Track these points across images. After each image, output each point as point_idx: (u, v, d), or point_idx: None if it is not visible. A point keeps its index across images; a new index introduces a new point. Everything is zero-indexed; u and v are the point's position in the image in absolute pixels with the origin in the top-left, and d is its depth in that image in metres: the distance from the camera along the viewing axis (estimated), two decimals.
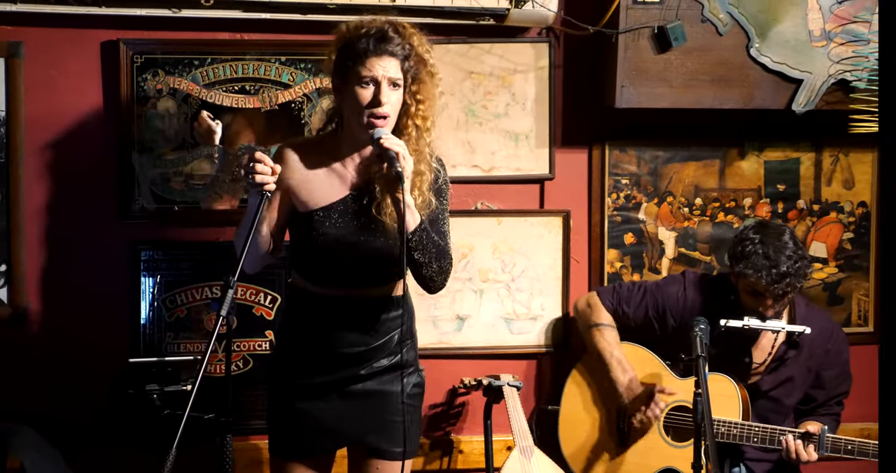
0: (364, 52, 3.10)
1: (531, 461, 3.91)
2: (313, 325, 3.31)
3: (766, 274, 3.73)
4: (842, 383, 4.04)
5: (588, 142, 4.26)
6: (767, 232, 3.81)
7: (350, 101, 3.14)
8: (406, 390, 3.34)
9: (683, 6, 3.98)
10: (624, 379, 3.98)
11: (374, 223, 3.21)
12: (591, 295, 4.13)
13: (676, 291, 4.03)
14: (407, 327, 3.37)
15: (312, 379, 3.32)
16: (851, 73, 4.05)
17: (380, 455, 3.35)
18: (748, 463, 4.00)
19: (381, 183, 3.15)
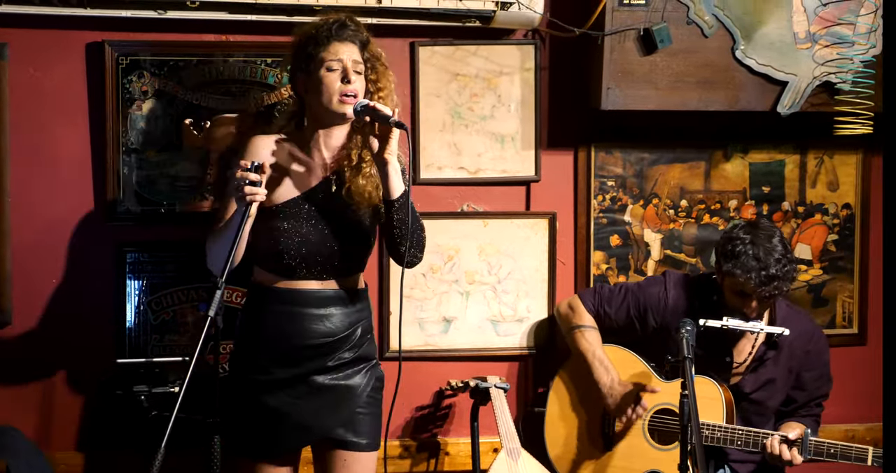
0: (327, 38, 3.31)
1: (518, 463, 3.91)
2: (278, 319, 3.37)
3: (755, 276, 3.73)
4: (822, 385, 4.05)
5: (574, 144, 4.27)
6: (758, 233, 3.81)
7: (318, 88, 3.30)
8: (371, 383, 3.45)
9: (669, 8, 4.00)
10: (606, 380, 3.98)
11: (343, 212, 3.34)
12: (573, 297, 4.13)
13: (658, 292, 4.04)
14: (368, 321, 3.49)
15: (278, 373, 3.37)
16: (836, 75, 4.07)
17: (346, 446, 3.43)
18: (732, 465, 4.01)
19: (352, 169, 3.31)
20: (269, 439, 3.40)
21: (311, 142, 3.38)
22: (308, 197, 3.35)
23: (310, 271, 3.36)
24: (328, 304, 3.38)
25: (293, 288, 3.37)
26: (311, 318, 3.36)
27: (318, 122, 3.36)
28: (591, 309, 4.07)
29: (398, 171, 3.28)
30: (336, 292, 3.40)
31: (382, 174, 3.28)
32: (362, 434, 3.43)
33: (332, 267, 3.37)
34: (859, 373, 4.46)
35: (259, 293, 3.43)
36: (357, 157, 3.34)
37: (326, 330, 3.37)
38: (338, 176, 3.36)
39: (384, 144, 3.26)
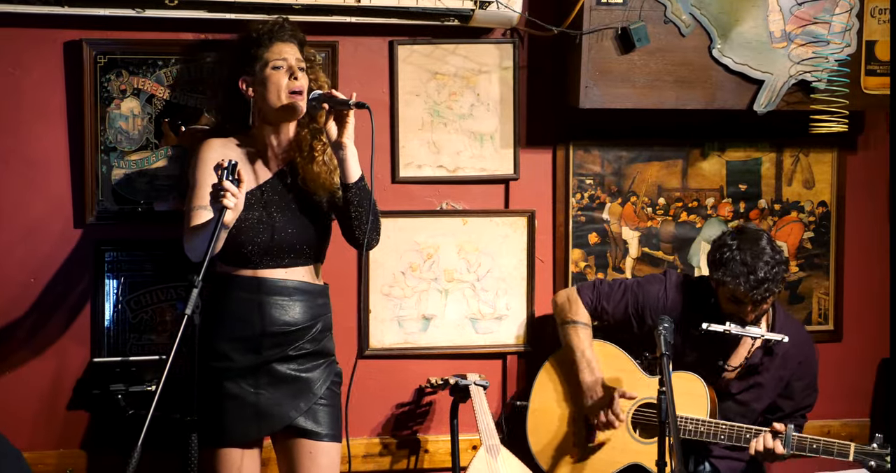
0: (269, 39, 3.48)
1: (497, 460, 3.93)
2: (240, 306, 3.46)
3: (745, 280, 3.76)
4: (808, 396, 4.08)
5: (552, 142, 4.28)
6: (744, 237, 3.84)
7: (265, 87, 3.46)
8: (330, 378, 3.54)
9: (646, 7, 4.01)
10: (589, 381, 4.00)
11: (299, 203, 3.49)
12: (572, 290, 4.14)
13: (657, 291, 4.05)
14: (328, 318, 3.60)
15: (239, 360, 3.45)
16: (812, 74, 4.09)
17: (308, 435, 3.51)
18: (714, 461, 4.04)
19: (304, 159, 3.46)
20: (231, 427, 3.47)
21: (262, 139, 3.53)
22: (264, 189, 3.49)
23: (272, 260, 3.47)
24: (291, 294, 3.49)
25: (256, 275, 3.48)
26: (273, 306, 3.47)
27: (268, 120, 3.51)
28: (589, 305, 4.08)
29: (355, 156, 3.44)
30: (299, 283, 3.51)
31: (340, 159, 3.43)
32: (323, 424, 3.51)
33: (293, 257, 3.49)
34: (835, 370, 4.49)
35: (222, 281, 3.51)
36: (308, 147, 3.48)
37: (289, 318, 3.48)
38: (291, 167, 3.51)
39: (342, 129, 3.41)
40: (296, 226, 3.49)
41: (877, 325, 4.55)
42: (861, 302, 4.53)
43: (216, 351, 3.46)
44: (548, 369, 4.16)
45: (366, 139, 3.46)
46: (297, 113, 3.47)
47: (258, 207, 3.46)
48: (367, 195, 3.46)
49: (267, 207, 3.47)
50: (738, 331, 3.83)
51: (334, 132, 3.42)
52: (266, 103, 3.47)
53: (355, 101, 3.38)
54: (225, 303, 3.48)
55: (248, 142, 3.55)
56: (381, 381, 4.18)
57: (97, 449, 3.96)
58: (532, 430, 4.15)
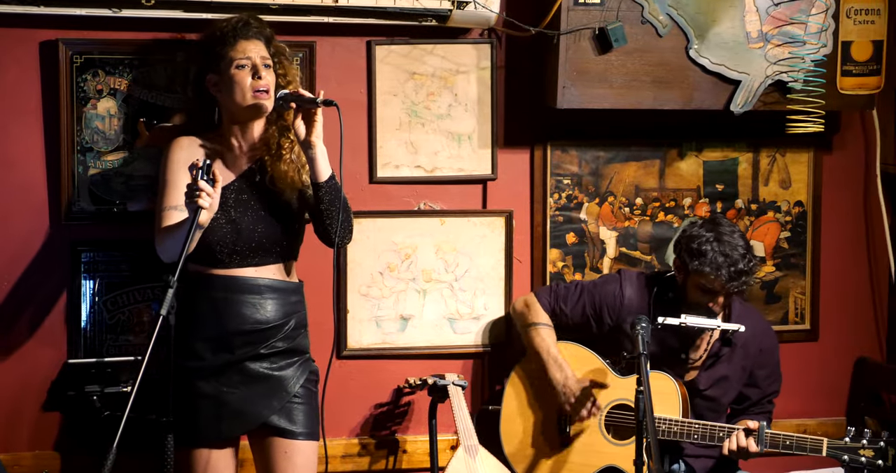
0: (233, 37, 3.45)
1: (476, 459, 3.93)
2: (212, 305, 3.45)
3: (725, 272, 3.77)
4: (773, 382, 4.10)
5: (530, 142, 4.29)
6: (720, 229, 3.85)
7: (230, 86, 3.44)
8: (304, 376, 3.53)
9: (624, 8, 4.02)
10: (560, 378, 4.00)
11: (268, 200, 3.48)
12: (529, 295, 4.16)
13: (613, 290, 4.07)
14: (303, 315, 3.58)
15: (211, 359, 3.45)
16: (788, 74, 4.11)
17: (284, 434, 3.50)
18: (687, 460, 4.05)
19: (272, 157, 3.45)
20: (206, 427, 3.47)
21: (230, 138, 3.52)
22: (232, 188, 3.47)
23: (242, 259, 3.47)
24: (263, 292, 3.48)
25: (228, 274, 3.47)
26: (244, 305, 3.46)
27: (234, 119, 3.49)
28: (547, 307, 4.10)
29: (325, 154, 3.42)
30: (271, 281, 3.50)
31: (310, 158, 3.41)
32: (298, 423, 3.50)
33: (263, 255, 3.48)
34: (811, 369, 4.52)
35: (194, 281, 3.50)
36: (276, 145, 3.47)
37: (261, 317, 3.47)
38: (260, 165, 3.49)
39: (310, 128, 3.39)
40: (265, 225, 3.47)
41: (852, 324, 4.58)
42: (837, 301, 4.55)
43: (189, 350, 3.45)
44: (518, 373, 4.16)
45: (338, 136, 3.45)
46: (262, 112, 3.46)
47: (226, 206, 3.44)
48: (338, 193, 3.45)
49: (235, 206, 3.46)
50: (693, 323, 3.85)
51: (302, 131, 3.40)
52: (231, 102, 3.45)
53: (322, 99, 3.36)
54: (197, 303, 3.48)
55: (216, 140, 3.54)
56: (359, 381, 4.18)
57: (72, 451, 3.94)
58: (505, 434, 4.14)
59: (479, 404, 4.29)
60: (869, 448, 3.75)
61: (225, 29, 3.48)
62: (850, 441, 3.78)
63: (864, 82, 4.21)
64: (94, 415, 3.78)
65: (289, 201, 3.51)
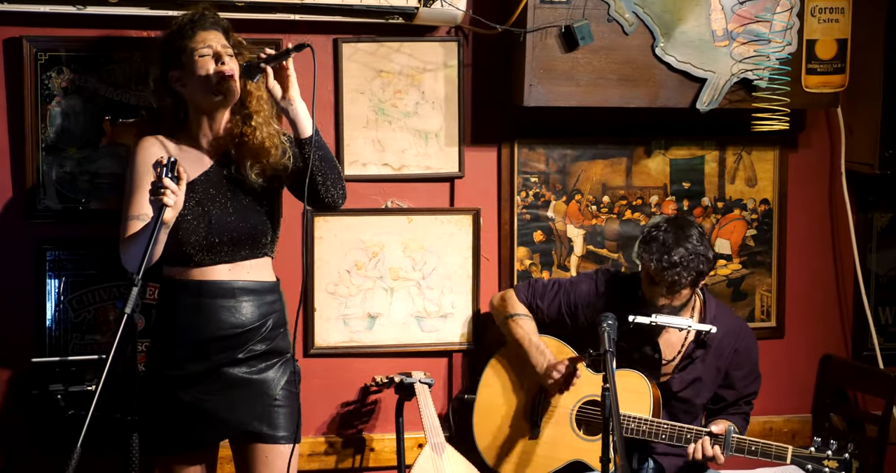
0: (192, 30, 3.41)
1: (442, 457, 3.93)
2: (187, 312, 3.40)
3: (658, 259, 3.79)
4: (751, 383, 4.11)
5: (497, 140, 4.29)
6: (676, 223, 3.88)
7: (194, 75, 3.38)
8: (286, 377, 3.47)
9: (590, 6, 4.03)
10: (543, 362, 4.00)
11: (239, 193, 3.44)
12: (507, 290, 4.17)
13: (588, 289, 4.08)
14: (281, 314, 3.53)
15: (190, 367, 3.40)
16: (753, 72, 4.13)
17: (264, 439, 3.45)
18: (657, 458, 4.06)
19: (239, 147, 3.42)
20: (186, 435, 3.42)
21: (196, 132, 3.47)
22: (200, 182, 3.43)
23: (215, 255, 3.41)
24: (238, 295, 3.43)
25: (202, 279, 3.41)
26: (220, 309, 3.40)
27: (200, 110, 3.45)
28: (525, 302, 4.11)
29: (305, 109, 3.38)
30: (245, 283, 3.45)
31: (293, 116, 3.37)
32: (279, 427, 3.45)
33: (235, 249, 3.43)
34: (777, 366, 4.53)
35: (169, 288, 3.47)
36: (240, 135, 3.43)
37: (236, 321, 3.41)
38: (227, 157, 3.45)
39: (286, 84, 3.36)
40: (236, 216, 3.42)
41: (818, 322, 4.60)
42: (803, 298, 4.58)
43: (166, 358, 3.42)
44: (494, 365, 4.17)
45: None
46: (229, 96, 3.39)
47: (195, 201, 3.40)
48: (325, 148, 3.41)
49: (204, 200, 3.41)
50: (664, 322, 3.86)
51: (279, 91, 3.35)
52: (197, 92, 3.40)
53: (293, 46, 3.32)
54: (171, 310, 3.44)
55: (182, 136, 3.48)
56: (326, 380, 4.18)
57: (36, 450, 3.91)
58: (478, 426, 4.16)
59: (447, 402, 4.29)
60: (833, 459, 3.76)
61: (181, 22, 3.45)
62: (816, 450, 3.78)
63: (828, 80, 4.23)
64: (59, 414, 3.75)
65: (259, 190, 3.45)
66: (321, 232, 4.13)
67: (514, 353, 4.12)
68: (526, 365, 4.06)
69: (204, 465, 3.50)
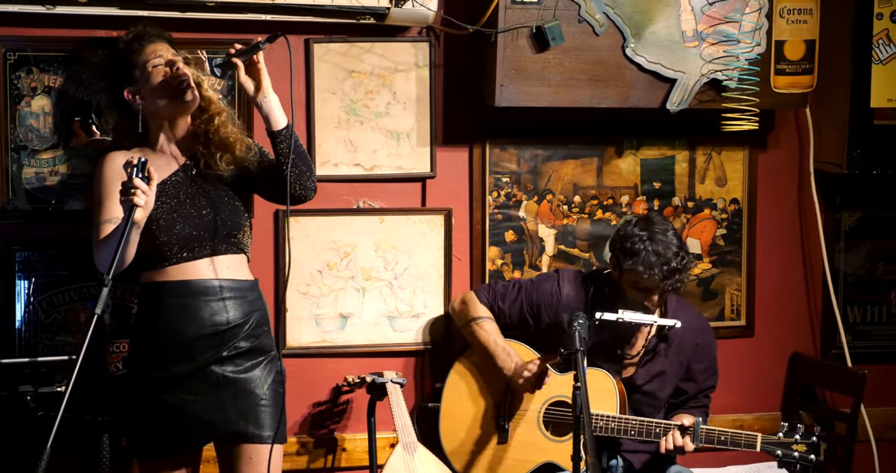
0: (139, 45, 3.47)
1: (414, 457, 3.93)
2: (170, 313, 3.39)
3: (658, 270, 3.81)
4: (710, 377, 4.14)
5: (469, 140, 4.30)
6: (653, 228, 3.89)
7: (151, 85, 3.42)
8: (271, 377, 3.47)
9: (561, 6, 4.04)
10: (510, 365, 4.01)
11: (209, 191, 3.46)
12: (467, 293, 4.17)
13: (551, 288, 4.09)
14: (263, 312, 3.54)
15: (175, 369, 3.39)
16: (723, 73, 4.15)
17: (250, 439, 3.44)
18: (625, 455, 4.08)
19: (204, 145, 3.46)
20: (171, 438, 3.40)
21: (160, 141, 3.51)
22: (173, 183, 3.44)
23: (191, 251, 3.42)
24: (219, 293, 3.43)
25: (183, 279, 3.41)
26: (202, 308, 3.40)
27: (160, 120, 3.48)
28: (486, 304, 4.12)
29: (278, 101, 3.43)
30: (226, 281, 3.45)
31: (266, 109, 3.42)
32: (265, 426, 3.45)
33: (212, 244, 3.44)
34: (747, 364, 4.57)
35: (149, 292, 3.46)
36: (204, 135, 3.46)
37: (220, 318, 3.42)
38: (193, 157, 3.48)
39: (258, 77, 3.41)
40: (209, 210, 3.44)
41: (787, 320, 4.63)
42: (772, 297, 4.60)
43: (149, 361, 3.41)
44: (458, 370, 4.17)
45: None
46: (189, 100, 3.42)
47: (167, 202, 3.41)
48: (298, 140, 3.45)
49: (176, 200, 3.42)
50: (631, 319, 3.89)
51: (251, 85, 3.41)
52: (156, 100, 3.43)
53: (265, 38, 3.36)
54: (153, 313, 3.42)
55: (146, 148, 3.51)
56: (298, 380, 4.16)
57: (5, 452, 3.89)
58: (445, 431, 4.15)
59: (418, 402, 4.30)
60: (802, 443, 3.81)
61: (126, 41, 3.50)
62: (784, 436, 3.84)
63: (797, 81, 4.26)
64: (28, 415, 3.73)
65: (230, 186, 3.49)
66: (293, 232, 4.13)
67: (477, 357, 4.12)
68: (490, 369, 4.07)
69: (189, 468, 3.49)
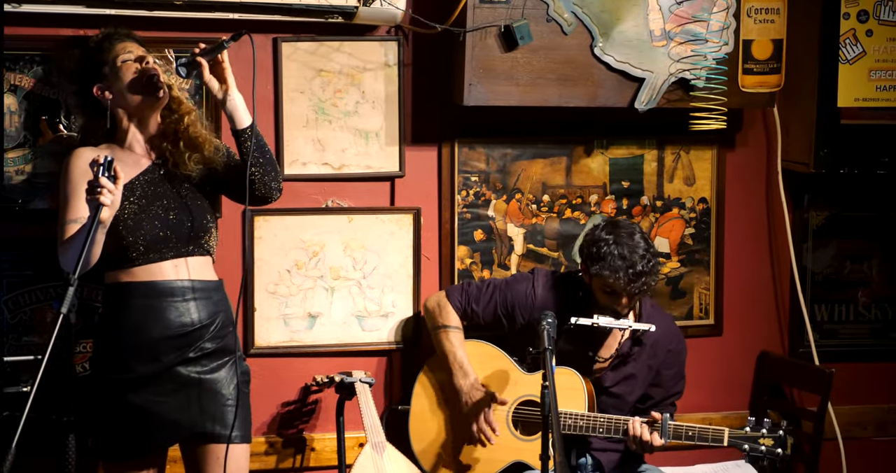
0: (109, 43, 3.49)
1: (383, 456, 3.93)
2: (135, 314, 3.37)
3: (624, 274, 3.82)
4: (677, 383, 4.15)
5: (438, 139, 4.30)
6: (620, 232, 3.89)
7: (121, 82, 3.42)
8: (237, 377, 3.46)
9: (529, 5, 4.04)
10: (465, 384, 4.01)
11: (177, 191, 3.45)
12: (441, 294, 4.16)
13: (525, 289, 4.09)
14: (229, 313, 3.52)
15: (140, 370, 3.37)
16: (691, 72, 4.16)
17: (216, 439, 3.43)
18: (594, 453, 4.09)
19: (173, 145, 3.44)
20: (137, 439, 3.39)
21: (129, 139, 3.49)
22: (141, 182, 3.43)
23: (157, 253, 3.40)
24: (185, 294, 3.42)
25: (148, 279, 3.39)
26: (168, 309, 3.39)
27: (130, 117, 3.47)
28: (458, 308, 4.11)
29: (242, 100, 3.44)
30: (191, 282, 3.44)
31: (230, 108, 3.43)
32: (230, 426, 3.44)
33: (178, 245, 3.42)
34: (715, 363, 4.59)
35: (114, 292, 3.44)
36: (173, 134, 3.45)
37: (186, 319, 3.40)
38: (162, 157, 3.47)
39: (223, 75, 3.41)
40: (176, 211, 3.42)
41: (755, 319, 4.65)
42: (740, 296, 4.62)
43: (114, 362, 3.39)
44: (426, 372, 4.17)
45: None
46: (161, 96, 3.41)
47: (134, 201, 3.39)
48: (262, 140, 3.46)
49: (144, 199, 3.41)
50: (605, 323, 3.90)
51: (216, 85, 3.42)
52: (125, 96, 3.43)
53: (228, 39, 3.37)
54: (118, 313, 3.40)
55: (114, 145, 3.50)
56: (266, 380, 4.16)
57: None
58: (414, 433, 4.15)
59: (388, 401, 4.29)
60: (769, 437, 3.83)
61: (97, 40, 3.52)
62: (751, 430, 3.86)
63: (764, 80, 4.28)
64: None
65: (198, 187, 3.48)
66: (261, 231, 4.12)
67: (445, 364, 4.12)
68: None
69: (155, 469, 3.48)
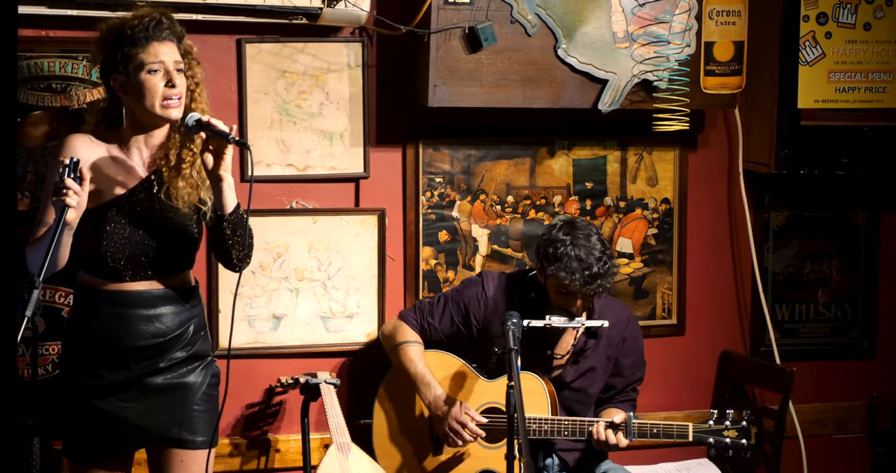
0: (145, 39, 3.21)
1: (348, 457, 3.93)
2: (105, 322, 3.31)
3: (580, 276, 3.83)
4: (637, 370, 4.17)
5: (402, 140, 4.31)
6: (576, 233, 3.90)
7: (140, 92, 3.22)
8: (207, 380, 3.43)
9: (493, 7, 4.06)
10: (431, 398, 4.00)
11: (165, 212, 3.31)
12: (395, 319, 4.16)
13: (476, 293, 4.09)
14: (201, 318, 3.47)
15: (109, 377, 3.32)
16: (653, 74, 4.19)
17: (182, 445, 3.40)
18: (560, 454, 4.11)
19: (171, 170, 3.28)
20: (103, 443, 3.36)
21: (130, 142, 3.33)
22: (129, 197, 3.30)
23: (135, 272, 3.32)
24: (157, 304, 3.35)
25: (120, 289, 3.32)
26: (139, 319, 3.32)
27: (138, 123, 3.31)
28: (416, 326, 4.10)
29: (232, 187, 3.27)
30: (165, 291, 3.36)
31: (216, 190, 3.26)
32: (198, 431, 3.41)
33: (158, 268, 3.34)
34: (678, 362, 4.62)
35: (85, 295, 3.38)
36: (176, 158, 3.30)
37: (157, 330, 3.33)
38: (158, 175, 3.32)
39: (219, 161, 3.23)
40: (159, 240, 3.31)
41: (717, 319, 4.69)
42: (702, 296, 4.66)
43: (82, 367, 3.34)
44: (387, 385, 4.15)
45: None
46: (172, 118, 3.25)
47: (123, 217, 3.29)
48: (242, 223, 3.31)
49: (130, 218, 3.29)
50: (558, 324, 3.92)
51: (210, 162, 3.23)
52: (138, 107, 3.24)
53: (236, 138, 3.19)
54: (88, 318, 3.34)
55: (116, 141, 3.33)
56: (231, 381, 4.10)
57: None
58: (379, 449, 4.12)
59: (353, 402, 4.28)
60: (733, 429, 3.87)
61: (136, 28, 3.21)
62: (714, 423, 3.89)
63: (726, 82, 4.32)
64: None
65: (185, 216, 3.34)
66: None
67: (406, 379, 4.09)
68: None
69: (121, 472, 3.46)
